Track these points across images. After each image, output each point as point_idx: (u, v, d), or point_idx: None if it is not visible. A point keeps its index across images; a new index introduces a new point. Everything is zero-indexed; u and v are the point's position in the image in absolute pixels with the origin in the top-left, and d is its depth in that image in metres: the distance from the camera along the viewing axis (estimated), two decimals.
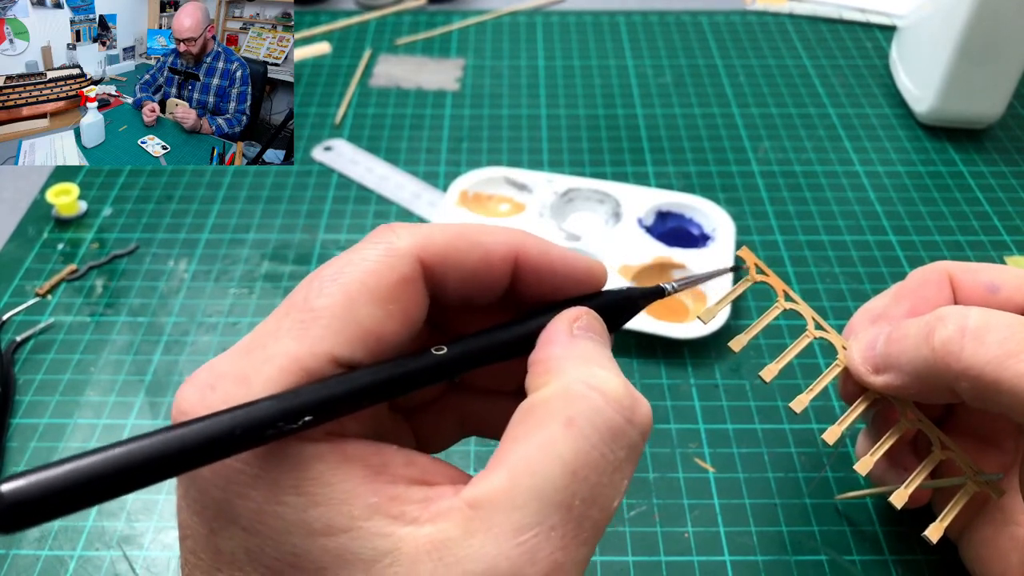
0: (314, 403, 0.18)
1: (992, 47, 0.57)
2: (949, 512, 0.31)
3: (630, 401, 0.20)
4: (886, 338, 0.31)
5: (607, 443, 0.19)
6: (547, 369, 0.21)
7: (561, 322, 0.22)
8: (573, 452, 0.19)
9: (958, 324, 0.28)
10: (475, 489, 0.19)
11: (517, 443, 0.19)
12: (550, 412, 0.19)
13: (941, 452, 0.31)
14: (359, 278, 0.20)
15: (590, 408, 0.19)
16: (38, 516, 0.15)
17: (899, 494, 0.31)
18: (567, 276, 0.23)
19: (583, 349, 0.21)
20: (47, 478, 0.15)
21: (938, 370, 0.28)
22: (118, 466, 0.16)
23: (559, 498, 0.18)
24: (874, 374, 0.31)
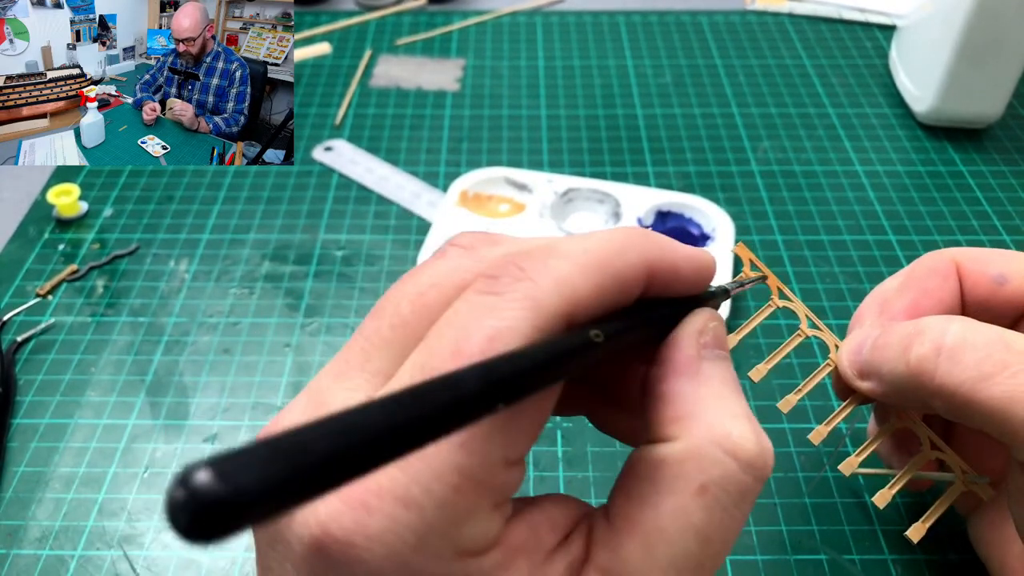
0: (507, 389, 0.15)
1: (992, 47, 0.57)
2: (933, 513, 0.31)
3: (762, 460, 0.20)
4: (871, 344, 0.30)
5: (738, 505, 0.19)
6: (677, 416, 0.20)
7: (687, 339, 0.21)
8: (707, 521, 0.19)
9: (934, 342, 0.27)
10: (610, 557, 0.19)
11: (647, 507, 0.19)
12: (683, 476, 0.19)
13: (930, 452, 0.31)
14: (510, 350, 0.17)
15: (724, 475, 0.19)
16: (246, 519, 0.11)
17: (882, 494, 0.31)
18: (691, 278, 0.22)
19: (712, 383, 0.21)
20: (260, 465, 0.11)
21: (914, 387, 0.28)
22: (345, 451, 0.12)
23: (693, 564, 0.19)
24: (859, 379, 0.31)
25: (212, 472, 0.11)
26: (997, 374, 0.26)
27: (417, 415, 0.14)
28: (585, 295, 0.19)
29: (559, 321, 0.18)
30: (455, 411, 0.14)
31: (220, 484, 0.10)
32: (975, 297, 0.32)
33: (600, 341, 0.18)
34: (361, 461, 0.13)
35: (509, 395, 0.15)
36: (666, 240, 0.22)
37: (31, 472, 0.41)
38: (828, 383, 0.33)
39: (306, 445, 0.12)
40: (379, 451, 0.13)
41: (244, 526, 0.11)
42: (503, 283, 0.18)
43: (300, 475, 0.11)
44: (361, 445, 0.13)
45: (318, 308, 0.49)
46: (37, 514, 0.39)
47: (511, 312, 0.18)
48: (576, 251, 0.19)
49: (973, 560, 0.34)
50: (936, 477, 0.32)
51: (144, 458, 0.41)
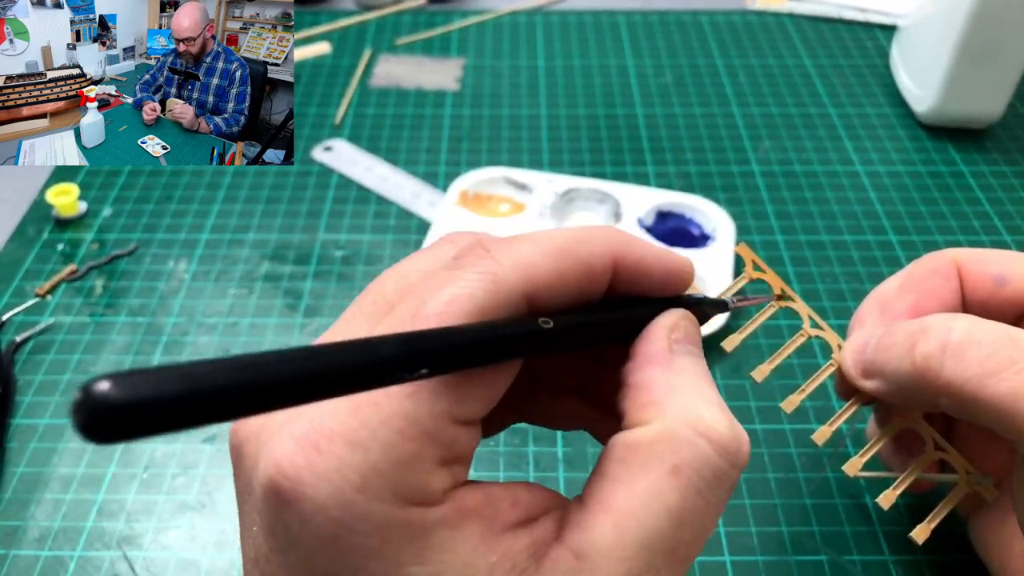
0: (432, 355, 0.17)
1: (993, 47, 0.57)
2: (937, 514, 0.31)
3: (735, 445, 0.20)
4: (876, 343, 0.30)
5: (711, 489, 0.19)
6: (650, 401, 0.20)
7: (659, 333, 0.22)
8: (679, 503, 0.19)
9: (940, 339, 0.27)
10: (580, 536, 0.19)
11: (620, 487, 0.19)
12: (655, 457, 0.19)
13: (934, 452, 0.31)
14: (467, 318, 0.18)
15: (697, 457, 0.19)
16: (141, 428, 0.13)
17: (887, 495, 0.31)
18: (661, 277, 0.23)
19: (684, 372, 0.21)
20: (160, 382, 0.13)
21: (919, 384, 0.28)
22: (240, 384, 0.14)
23: (665, 546, 0.19)
24: (864, 378, 0.31)
25: (111, 382, 0.12)
26: (1003, 370, 0.26)
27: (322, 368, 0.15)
28: (545, 276, 0.20)
29: (518, 298, 0.19)
30: (364, 370, 0.15)
31: (115, 392, 0.12)
32: (976, 298, 0.32)
33: (549, 328, 0.19)
34: (253, 399, 0.14)
35: (435, 365, 0.17)
36: (636, 238, 0.22)
37: (30, 472, 0.41)
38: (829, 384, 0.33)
39: (205, 375, 0.13)
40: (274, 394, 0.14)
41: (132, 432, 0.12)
42: (467, 260, 0.20)
43: (190, 397, 0.13)
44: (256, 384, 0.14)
45: (317, 308, 0.49)
46: (36, 515, 0.39)
47: (469, 282, 0.19)
48: (542, 237, 0.20)
49: (973, 560, 0.34)
50: (940, 479, 0.32)
51: (143, 458, 0.41)
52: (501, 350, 0.18)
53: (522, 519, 0.20)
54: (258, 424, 0.19)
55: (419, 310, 0.19)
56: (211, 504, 0.39)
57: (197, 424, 0.13)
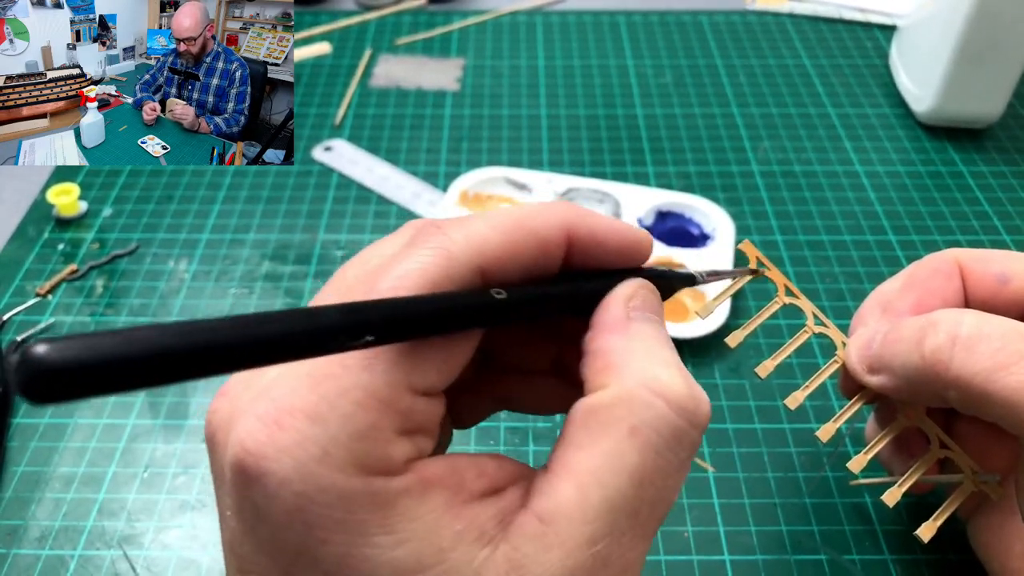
0: (378, 323, 0.17)
1: (992, 47, 0.57)
2: (943, 512, 0.31)
3: (693, 404, 0.20)
4: (882, 338, 0.30)
5: (671, 448, 0.19)
6: (607, 365, 0.20)
7: (616, 302, 0.22)
8: (639, 462, 0.19)
9: (949, 332, 0.28)
10: (544, 501, 0.19)
11: (581, 450, 0.19)
12: (614, 419, 0.19)
13: (939, 451, 0.31)
14: (419, 291, 0.19)
15: (654, 416, 0.19)
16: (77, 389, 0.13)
17: (892, 493, 0.31)
18: (616, 248, 0.23)
19: (642, 338, 0.21)
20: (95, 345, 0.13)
21: (928, 378, 0.28)
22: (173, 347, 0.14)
23: (628, 506, 0.19)
24: (869, 374, 0.31)
25: (48, 345, 0.13)
26: (1013, 364, 0.26)
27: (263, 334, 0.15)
28: (497, 249, 0.20)
29: (470, 271, 0.20)
30: (307, 337, 0.16)
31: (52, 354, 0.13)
32: (978, 297, 0.32)
33: (502, 298, 0.19)
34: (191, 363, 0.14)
35: (381, 332, 0.17)
36: (591, 211, 0.22)
37: (31, 472, 0.41)
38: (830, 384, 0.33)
39: (142, 339, 0.14)
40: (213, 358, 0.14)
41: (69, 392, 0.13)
42: (420, 238, 0.20)
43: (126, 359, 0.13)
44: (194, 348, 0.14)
45: None
46: (37, 514, 0.39)
47: (421, 257, 0.19)
48: (495, 214, 0.21)
49: (973, 560, 0.34)
50: (944, 479, 0.32)
51: (144, 458, 0.41)
52: (452, 319, 0.19)
53: (488, 489, 0.20)
54: (228, 412, 0.19)
55: (372, 286, 0.19)
56: (212, 503, 0.39)
57: (134, 386, 0.14)
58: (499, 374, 0.26)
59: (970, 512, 0.34)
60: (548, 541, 0.18)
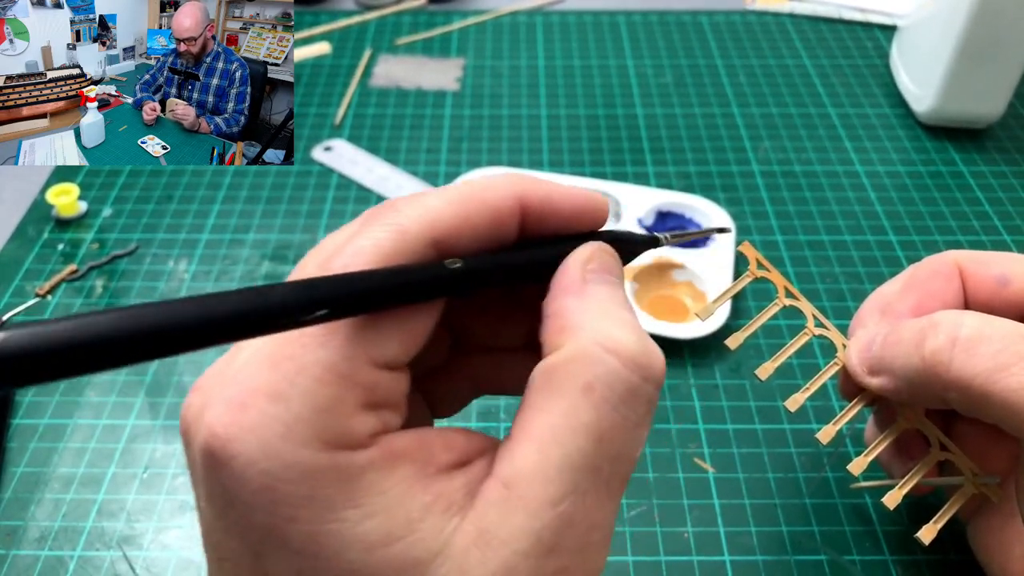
0: (330, 298, 0.17)
1: (992, 47, 0.57)
2: (944, 514, 0.31)
3: (645, 359, 0.20)
4: (882, 340, 0.30)
5: (627, 404, 0.19)
6: (563, 326, 0.20)
7: (574, 265, 0.22)
8: (596, 419, 0.19)
9: (949, 334, 0.28)
10: (507, 466, 0.19)
11: (540, 412, 0.19)
12: (569, 378, 0.19)
13: (939, 453, 0.31)
14: (373, 267, 0.19)
15: (607, 372, 0.19)
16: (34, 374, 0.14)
17: (892, 495, 0.31)
18: (571, 213, 0.23)
19: (597, 298, 0.21)
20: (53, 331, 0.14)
21: (928, 379, 0.28)
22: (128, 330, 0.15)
23: (588, 464, 0.19)
24: (869, 376, 0.31)
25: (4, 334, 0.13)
26: (1013, 365, 0.26)
27: (214, 314, 0.16)
28: (450, 221, 0.20)
29: (424, 245, 0.20)
30: (259, 315, 0.16)
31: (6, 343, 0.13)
32: (978, 298, 0.32)
33: (458, 267, 0.20)
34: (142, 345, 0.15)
35: (334, 306, 0.17)
36: (546, 181, 0.22)
37: (30, 472, 0.41)
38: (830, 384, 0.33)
39: (97, 324, 0.14)
40: (164, 340, 0.15)
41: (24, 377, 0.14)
42: (375, 218, 0.20)
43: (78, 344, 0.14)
44: (145, 331, 0.15)
45: None
46: (36, 514, 0.39)
47: (374, 234, 0.19)
48: (448, 189, 0.21)
49: (973, 561, 0.34)
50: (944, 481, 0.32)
51: (143, 458, 0.41)
52: (406, 291, 0.19)
53: (457, 462, 0.20)
54: (199, 404, 0.19)
55: (326, 265, 0.19)
56: None
57: (88, 370, 0.14)
58: (473, 355, 0.26)
59: (970, 514, 0.34)
60: (512, 505, 0.18)
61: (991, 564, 0.32)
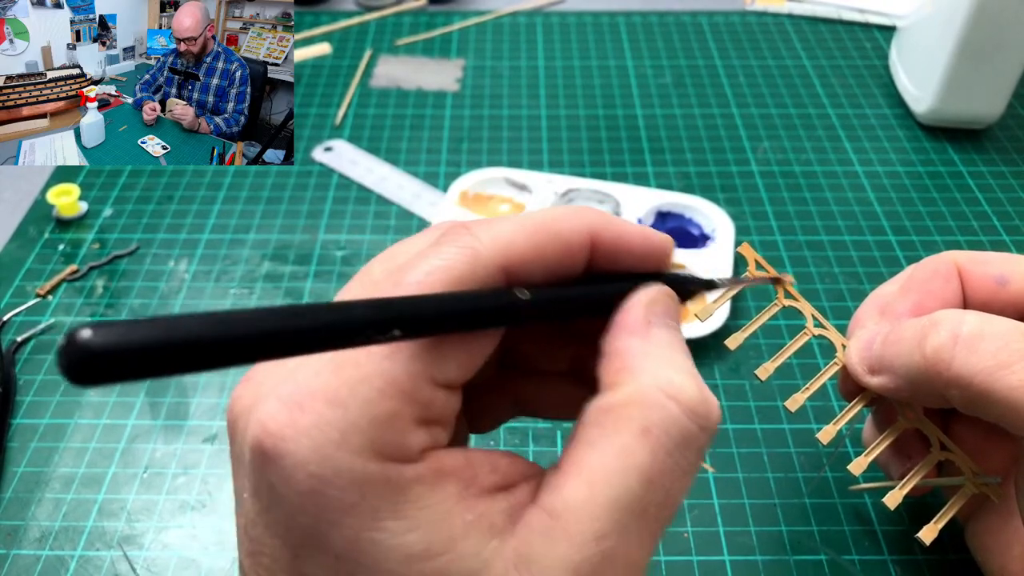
0: (406, 319, 0.18)
1: (992, 47, 0.57)
2: (945, 514, 0.31)
3: (704, 408, 0.20)
4: (883, 339, 0.30)
5: (681, 451, 0.20)
6: (624, 366, 0.21)
7: (637, 306, 0.22)
8: (649, 462, 0.19)
9: (951, 331, 0.28)
10: (554, 497, 0.19)
11: (593, 448, 0.20)
12: (627, 419, 0.20)
13: (940, 453, 0.31)
14: (446, 289, 0.19)
15: (666, 418, 0.20)
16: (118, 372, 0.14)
17: (893, 495, 0.31)
18: (640, 252, 0.23)
19: (659, 343, 0.21)
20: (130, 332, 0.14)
21: (929, 377, 0.28)
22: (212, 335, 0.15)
23: (636, 506, 0.19)
24: (870, 375, 0.31)
25: (92, 330, 0.13)
26: (1015, 363, 0.26)
27: (296, 325, 0.16)
28: (523, 250, 0.20)
29: (495, 271, 0.20)
30: (336, 330, 0.16)
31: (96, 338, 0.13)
32: (977, 298, 0.32)
33: (526, 299, 0.20)
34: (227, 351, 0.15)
35: (407, 327, 0.18)
36: (617, 219, 0.22)
37: (31, 472, 0.41)
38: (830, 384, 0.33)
39: (183, 326, 0.14)
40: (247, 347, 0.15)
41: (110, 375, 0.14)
42: (448, 237, 0.20)
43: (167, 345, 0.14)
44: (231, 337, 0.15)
45: None
46: (37, 514, 0.39)
47: (448, 255, 0.20)
48: (522, 216, 0.21)
49: (972, 561, 0.34)
50: (944, 482, 0.32)
51: (144, 458, 0.41)
52: (475, 317, 0.19)
53: (500, 484, 0.20)
54: (251, 397, 0.19)
55: (400, 280, 0.19)
56: (211, 504, 0.39)
57: (173, 371, 0.14)
58: (517, 375, 0.26)
59: (968, 514, 0.34)
60: (556, 536, 0.18)
61: (989, 563, 0.32)
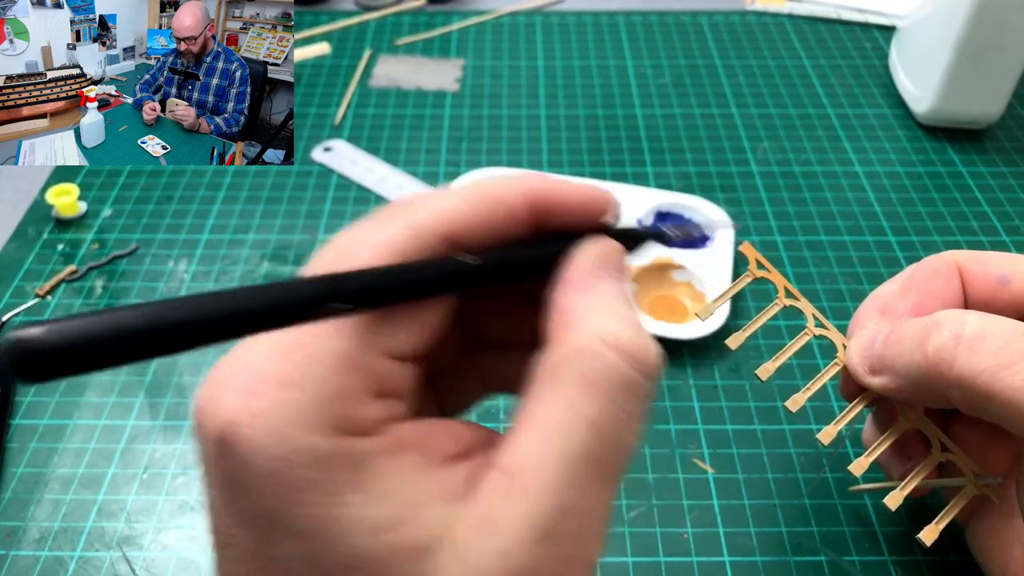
0: (353, 292, 0.18)
1: (991, 47, 0.57)
2: (946, 515, 0.31)
3: (644, 354, 0.20)
4: (884, 339, 0.30)
5: (625, 397, 0.20)
6: (566, 320, 0.21)
7: (578, 260, 0.22)
8: (596, 412, 0.19)
9: (953, 331, 0.28)
10: (508, 455, 0.19)
11: (541, 403, 0.20)
12: (569, 371, 0.20)
13: (940, 454, 0.31)
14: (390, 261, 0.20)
15: (607, 367, 0.20)
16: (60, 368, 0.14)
17: (894, 496, 0.31)
18: (580, 208, 0.23)
19: (602, 295, 0.21)
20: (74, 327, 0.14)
21: (931, 377, 0.28)
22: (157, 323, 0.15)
23: (588, 454, 0.19)
24: (871, 375, 0.31)
25: (37, 327, 0.14)
26: (1017, 363, 0.26)
27: (242, 307, 0.16)
28: (463, 218, 0.21)
29: (438, 240, 0.20)
30: (285, 308, 0.17)
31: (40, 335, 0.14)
32: (978, 298, 0.32)
33: (471, 263, 0.20)
34: (173, 337, 0.15)
35: (356, 300, 0.18)
36: (556, 179, 0.23)
37: (30, 473, 0.41)
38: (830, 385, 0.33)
39: (127, 318, 0.15)
40: (194, 331, 0.16)
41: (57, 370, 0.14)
42: (389, 214, 0.21)
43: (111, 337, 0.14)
44: (176, 323, 0.15)
45: None
46: (36, 515, 0.39)
47: (391, 230, 0.20)
48: (463, 187, 0.22)
49: (973, 562, 0.34)
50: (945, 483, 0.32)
51: (143, 459, 0.41)
52: (422, 285, 0.20)
53: (460, 452, 0.20)
54: (210, 395, 0.19)
55: (342, 260, 0.20)
56: None
57: (121, 362, 0.15)
58: (482, 354, 0.26)
59: (969, 515, 0.34)
60: (513, 492, 0.19)
61: (990, 565, 0.32)
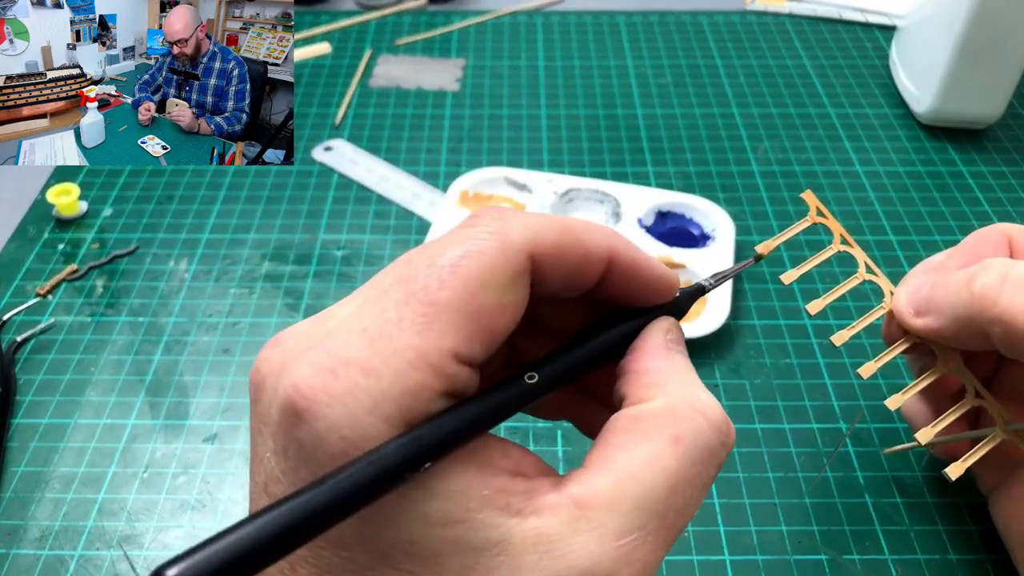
0: (434, 446, 0.19)
1: (992, 47, 0.57)
2: (973, 454, 0.31)
3: (726, 426, 0.22)
4: (932, 282, 0.32)
5: (704, 463, 0.21)
6: (653, 383, 0.22)
7: (657, 333, 0.24)
8: (676, 468, 0.20)
9: (1000, 272, 0.29)
10: (581, 488, 0.20)
11: (623, 451, 0.21)
12: (658, 427, 0.21)
13: (974, 399, 0.32)
14: (478, 273, 0.20)
15: (694, 430, 0.21)
16: None
17: (925, 431, 0.31)
18: (648, 283, 0.24)
19: (680, 366, 0.23)
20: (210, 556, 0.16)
21: (974, 313, 0.29)
22: (271, 536, 0.17)
23: (659, 508, 0.20)
24: (916, 316, 0.32)
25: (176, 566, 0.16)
26: None
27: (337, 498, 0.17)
28: (549, 244, 0.21)
29: (523, 256, 0.21)
30: (376, 484, 0.18)
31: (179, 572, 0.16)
32: None
33: (534, 383, 0.22)
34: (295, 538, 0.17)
35: (439, 454, 0.19)
36: (635, 246, 0.24)
37: (31, 472, 0.41)
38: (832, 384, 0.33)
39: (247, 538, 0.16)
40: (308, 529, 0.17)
41: None
42: (480, 220, 0.21)
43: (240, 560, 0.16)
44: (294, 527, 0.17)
45: (318, 308, 0.49)
46: (37, 514, 0.39)
47: (481, 238, 0.21)
48: (550, 215, 0.23)
49: (973, 561, 0.34)
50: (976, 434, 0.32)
51: (144, 458, 0.41)
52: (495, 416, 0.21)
53: (512, 469, 0.21)
54: (279, 361, 0.20)
55: (435, 260, 0.20)
56: (211, 504, 0.39)
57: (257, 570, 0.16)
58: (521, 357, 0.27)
59: (993, 486, 0.35)
60: (580, 525, 0.19)
61: (1011, 531, 0.33)
